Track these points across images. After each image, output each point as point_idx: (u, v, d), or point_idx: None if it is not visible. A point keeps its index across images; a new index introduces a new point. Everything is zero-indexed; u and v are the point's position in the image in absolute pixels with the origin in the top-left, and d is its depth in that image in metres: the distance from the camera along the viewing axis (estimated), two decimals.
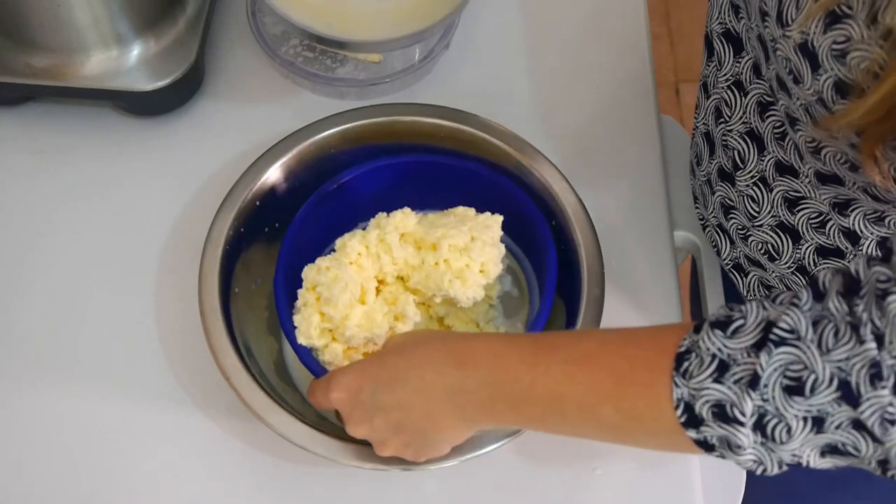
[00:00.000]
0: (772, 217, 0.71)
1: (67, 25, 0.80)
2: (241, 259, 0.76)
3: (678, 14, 1.94)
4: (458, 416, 0.61)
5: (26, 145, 0.86)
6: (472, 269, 0.70)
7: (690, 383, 0.52)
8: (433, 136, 0.79)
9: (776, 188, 0.70)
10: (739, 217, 0.75)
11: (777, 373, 0.51)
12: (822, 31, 0.54)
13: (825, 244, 0.69)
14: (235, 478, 0.74)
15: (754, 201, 0.72)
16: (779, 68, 0.61)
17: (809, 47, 0.56)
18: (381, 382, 0.63)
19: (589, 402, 0.57)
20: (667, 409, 0.53)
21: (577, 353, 0.58)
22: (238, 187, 0.76)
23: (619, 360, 0.56)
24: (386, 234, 0.71)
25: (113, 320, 0.79)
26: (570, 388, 0.57)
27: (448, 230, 0.70)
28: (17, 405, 0.76)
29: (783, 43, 0.58)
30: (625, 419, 0.56)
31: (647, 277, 0.81)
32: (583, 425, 0.59)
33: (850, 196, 0.65)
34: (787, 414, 0.50)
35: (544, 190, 0.76)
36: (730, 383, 0.51)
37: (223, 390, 0.70)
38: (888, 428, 0.49)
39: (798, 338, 0.50)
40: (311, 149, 0.78)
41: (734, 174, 0.73)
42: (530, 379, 0.58)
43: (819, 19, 0.54)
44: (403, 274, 0.72)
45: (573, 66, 0.92)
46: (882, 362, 0.48)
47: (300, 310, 0.72)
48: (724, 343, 0.52)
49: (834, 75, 0.55)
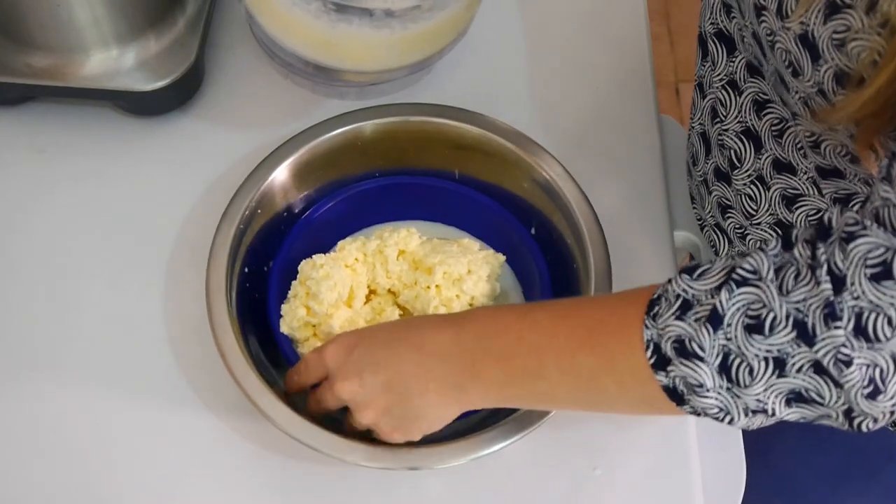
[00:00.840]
0: (770, 215, 0.72)
1: (67, 25, 0.80)
2: (246, 262, 0.76)
3: (678, 14, 1.94)
4: (447, 381, 0.62)
5: (26, 145, 0.86)
6: (462, 301, 0.72)
7: (657, 323, 0.55)
8: (442, 139, 0.79)
9: (774, 186, 0.70)
10: (737, 216, 0.75)
11: (739, 312, 0.52)
12: (822, 22, 0.55)
13: None
14: (241, 476, 0.74)
15: (752, 200, 0.72)
16: (777, 62, 0.60)
17: (810, 38, 0.56)
18: (378, 340, 0.65)
19: (568, 349, 0.59)
20: (638, 352, 0.55)
21: (561, 308, 0.62)
22: (244, 189, 0.76)
23: (597, 310, 0.60)
24: (385, 247, 0.73)
25: (116, 320, 0.79)
26: (552, 338, 0.60)
27: (447, 258, 0.72)
28: (20, 406, 0.76)
29: (783, 35, 0.58)
30: (601, 365, 0.58)
31: (647, 277, 0.80)
32: (561, 378, 0.60)
33: (852, 190, 0.65)
34: (748, 353, 0.52)
35: (551, 189, 0.76)
36: (690, 320, 0.53)
37: (231, 390, 0.70)
38: (843, 369, 0.50)
39: (759, 278, 0.52)
40: (318, 149, 0.78)
41: (731, 174, 0.73)
42: (517, 332, 0.61)
43: (819, 10, 0.55)
44: (395, 289, 0.73)
45: (573, 66, 0.92)
46: (838, 303, 0.50)
47: (289, 300, 0.74)
48: (689, 284, 0.54)
49: (834, 65, 0.55)
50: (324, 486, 0.73)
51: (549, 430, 0.68)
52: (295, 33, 0.75)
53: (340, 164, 0.79)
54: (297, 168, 0.78)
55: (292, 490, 0.73)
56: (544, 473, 0.73)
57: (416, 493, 0.73)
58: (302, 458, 0.72)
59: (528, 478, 0.73)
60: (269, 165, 0.77)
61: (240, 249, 0.74)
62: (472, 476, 0.73)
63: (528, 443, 0.70)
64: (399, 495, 0.73)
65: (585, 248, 0.73)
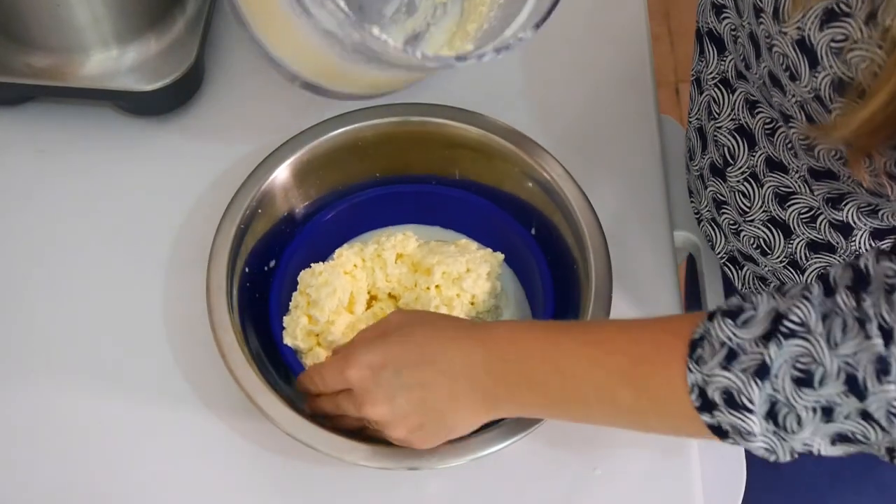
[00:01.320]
0: (763, 212, 0.71)
1: (67, 25, 0.80)
2: (247, 262, 0.76)
3: (678, 14, 1.94)
4: (479, 398, 0.62)
5: (26, 145, 0.86)
6: (462, 300, 0.73)
7: (703, 370, 0.54)
8: (442, 139, 0.79)
9: (767, 184, 0.70)
10: (731, 212, 0.75)
11: (787, 364, 0.52)
12: (819, 28, 0.54)
13: (816, 239, 0.69)
14: (241, 476, 0.74)
15: (745, 197, 0.72)
16: (773, 65, 0.60)
17: (807, 43, 0.55)
18: (406, 362, 0.63)
19: (608, 384, 0.59)
20: (682, 393, 0.55)
21: (598, 337, 0.61)
22: (244, 189, 0.76)
23: (637, 345, 0.58)
24: (383, 251, 0.74)
25: (116, 320, 0.79)
26: (591, 370, 0.59)
27: (445, 258, 0.73)
28: (20, 406, 0.76)
29: (780, 39, 0.57)
30: (642, 402, 0.58)
31: (647, 277, 0.81)
32: (600, 407, 0.60)
33: (845, 190, 0.65)
34: (797, 404, 0.52)
35: (552, 190, 0.76)
36: (737, 371, 0.53)
37: (231, 390, 0.69)
38: (893, 420, 0.50)
39: (808, 330, 0.51)
40: (319, 149, 0.78)
41: (725, 170, 0.73)
42: (553, 360, 0.60)
43: (815, 16, 0.54)
44: (396, 292, 0.74)
45: (573, 66, 0.92)
46: (888, 357, 0.49)
47: (291, 311, 0.75)
48: (733, 332, 0.53)
49: (833, 73, 0.55)
50: (324, 486, 0.73)
51: (549, 430, 0.68)
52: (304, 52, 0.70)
53: (341, 163, 0.79)
54: (297, 168, 0.78)
55: (292, 490, 0.73)
56: (544, 473, 0.73)
57: (416, 493, 0.73)
58: (302, 458, 0.72)
59: (528, 478, 0.73)
60: (269, 165, 0.77)
61: (240, 249, 0.74)
62: (472, 476, 0.73)
63: (528, 443, 0.70)
64: (399, 495, 0.73)
65: (585, 248, 0.73)
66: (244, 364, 0.69)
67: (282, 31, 0.64)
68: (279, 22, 0.63)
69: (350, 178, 0.80)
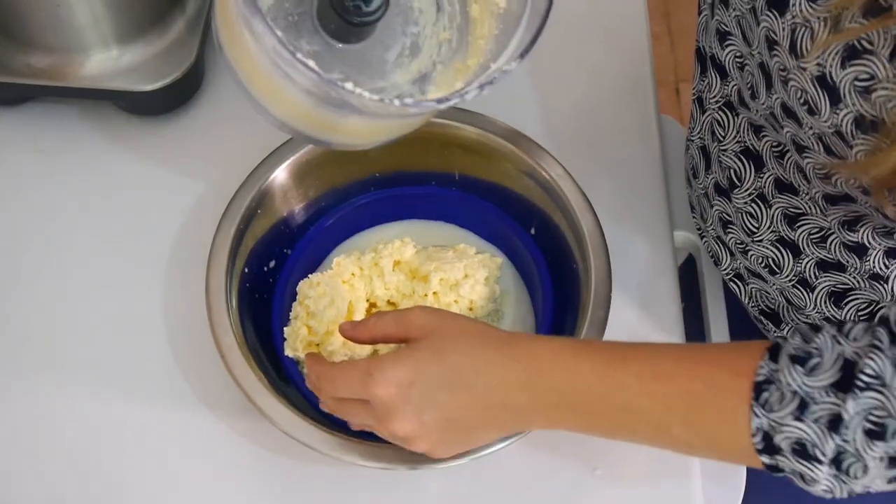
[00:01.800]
0: (771, 232, 0.71)
1: (67, 25, 0.80)
2: (247, 262, 0.76)
3: (678, 14, 1.94)
4: (512, 417, 0.60)
5: (26, 145, 0.86)
6: (460, 306, 0.73)
7: (771, 416, 0.53)
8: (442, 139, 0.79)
9: (775, 205, 0.69)
10: (738, 232, 0.74)
11: (860, 416, 0.51)
12: (840, 65, 0.53)
13: (826, 258, 0.68)
14: (241, 476, 0.74)
15: (753, 217, 0.71)
16: (788, 98, 0.59)
17: (829, 80, 0.54)
18: (439, 383, 0.59)
19: (663, 421, 0.57)
20: (743, 434, 0.54)
21: (652, 370, 0.58)
22: (244, 189, 0.76)
23: (695, 382, 0.56)
24: (380, 259, 0.74)
25: (116, 320, 0.79)
26: (644, 404, 0.57)
27: (442, 264, 0.73)
28: (20, 405, 0.76)
29: (798, 74, 0.56)
30: (698, 438, 0.57)
31: (647, 277, 0.81)
32: (652, 439, 0.59)
33: (861, 213, 0.64)
34: (866, 455, 0.52)
35: (552, 190, 0.76)
36: (810, 422, 0.52)
37: (231, 390, 0.70)
38: None
39: (882, 384, 0.51)
40: (318, 150, 0.78)
41: (731, 191, 0.72)
42: (601, 392, 0.58)
43: (836, 52, 0.53)
44: (394, 300, 0.74)
45: (573, 66, 0.92)
46: None
47: (291, 322, 0.75)
48: (803, 380, 0.53)
49: (856, 111, 0.53)
50: (324, 486, 0.73)
51: (549, 430, 0.68)
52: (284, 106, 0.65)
53: (340, 163, 0.79)
54: (296, 168, 0.78)
55: (292, 490, 0.73)
56: (544, 473, 0.73)
57: (416, 493, 0.73)
58: (302, 458, 0.72)
59: (528, 478, 0.73)
60: (269, 165, 0.77)
61: (240, 249, 0.74)
62: (472, 476, 0.73)
63: (528, 443, 0.70)
64: (399, 495, 0.73)
65: (585, 248, 0.73)
66: (244, 364, 0.69)
67: (274, 93, 0.62)
68: (268, 82, 0.62)
69: (349, 178, 0.80)
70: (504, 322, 0.79)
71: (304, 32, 0.63)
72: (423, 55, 0.65)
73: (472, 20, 0.64)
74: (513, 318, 0.79)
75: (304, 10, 0.63)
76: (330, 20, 0.61)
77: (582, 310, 0.71)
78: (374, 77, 0.64)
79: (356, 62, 0.63)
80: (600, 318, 0.70)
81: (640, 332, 0.78)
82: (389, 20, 0.64)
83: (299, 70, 0.55)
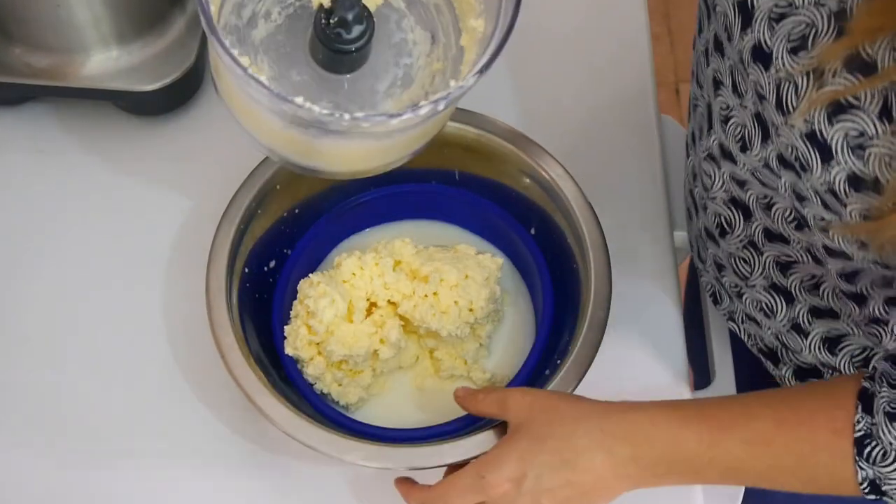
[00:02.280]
0: (764, 278, 0.70)
1: (67, 25, 0.80)
2: (247, 262, 0.76)
3: (678, 14, 1.94)
4: (624, 484, 0.63)
5: (26, 145, 0.86)
6: (460, 306, 0.72)
7: (876, 468, 0.57)
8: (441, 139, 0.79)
9: (766, 252, 0.68)
10: (731, 276, 0.73)
11: None
12: (828, 121, 0.51)
13: (818, 305, 0.68)
14: (241, 476, 0.74)
15: (746, 262, 0.70)
16: (781, 151, 0.57)
17: (819, 138, 0.53)
18: (546, 467, 0.62)
19: (769, 475, 0.61)
20: (850, 483, 0.58)
21: (753, 434, 0.61)
22: (244, 189, 0.76)
23: (797, 443, 0.60)
24: (381, 258, 0.74)
25: (116, 320, 0.79)
26: (750, 464, 0.61)
27: (442, 265, 0.73)
28: (19, 405, 0.76)
29: (786, 130, 0.55)
30: (804, 487, 0.61)
31: (647, 277, 0.81)
32: (755, 483, 0.63)
33: (859, 267, 0.62)
34: None
35: (552, 190, 0.76)
36: None
37: (231, 390, 0.69)
38: None
39: None
40: None
41: (722, 238, 0.71)
42: (709, 458, 0.61)
43: (821, 109, 0.52)
44: (395, 300, 0.74)
45: (573, 66, 0.92)
46: None
47: (291, 321, 0.74)
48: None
49: (848, 169, 0.52)
50: (324, 486, 0.73)
51: None
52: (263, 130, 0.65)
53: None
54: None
55: (292, 490, 0.73)
56: None
57: None
58: (302, 458, 0.72)
59: None
60: (269, 165, 0.77)
61: (240, 249, 0.74)
62: None
63: None
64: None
65: (585, 248, 0.73)
66: (244, 364, 0.69)
67: (250, 116, 0.64)
68: (244, 106, 0.63)
69: (349, 178, 0.80)
70: (504, 322, 0.79)
71: (295, 63, 0.64)
72: (415, 86, 0.65)
73: (463, 49, 0.65)
74: (513, 318, 0.79)
75: (297, 42, 0.64)
76: (318, 50, 0.62)
77: (582, 310, 0.71)
78: (363, 107, 0.64)
79: (347, 92, 0.64)
80: (600, 318, 0.71)
81: (640, 332, 0.78)
82: (381, 51, 0.64)
83: (253, 86, 0.56)
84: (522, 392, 0.66)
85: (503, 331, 0.79)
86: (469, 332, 0.74)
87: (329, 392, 0.74)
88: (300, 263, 0.78)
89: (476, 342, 0.76)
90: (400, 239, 0.75)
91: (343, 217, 0.80)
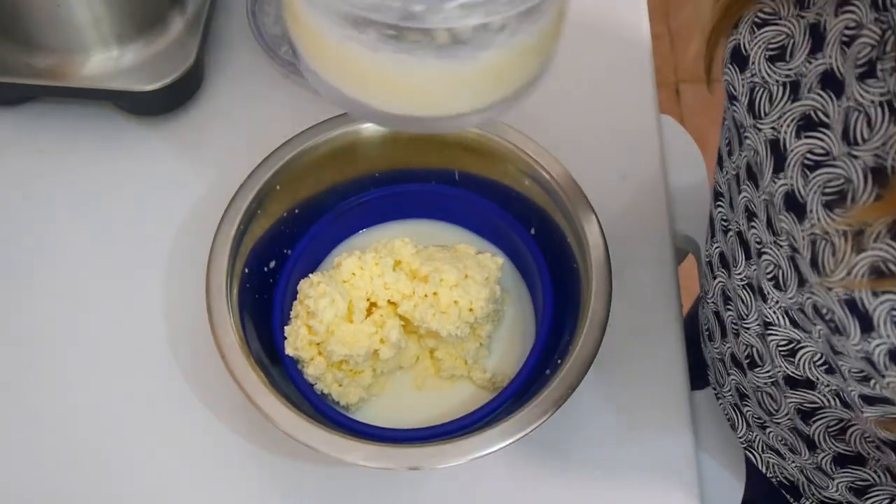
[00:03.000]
0: (788, 419, 0.65)
1: (67, 25, 0.80)
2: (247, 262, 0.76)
3: (678, 14, 1.94)
4: None
5: (26, 145, 0.86)
6: (460, 306, 0.72)
7: None
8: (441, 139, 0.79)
9: (790, 398, 0.63)
10: (755, 408, 0.68)
11: None
12: (872, 294, 0.46)
13: (845, 452, 0.63)
14: (241, 476, 0.74)
15: (773, 399, 0.65)
16: (816, 303, 0.52)
17: (860, 307, 0.47)
18: None
19: None
20: None
21: None
22: (244, 189, 0.76)
23: None
24: (381, 258, 0.74)
25: (116, 320, 0.79)
26: None
27: (442, 265, 0.72)
28: (19, 405, 0.76)
29: (821, 293, 0.50)
30: None
31: (647, 277, 0.81)
32: None
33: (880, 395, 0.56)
34: None
35: (552, 190, 0.76)
36: None
37: (231, 390, 0.69)
38: None
39: None
40: (318, 149, 0.78)
41: (749, 369, 0.66)
42: None
43: (863, 273, 0.46)
44: (395, 300, 0.74)
45: (573, 66, 0.92)
46: None
47: (291, 321, 0.75)
48: None
49: (891, 344, 0.47)
50: (324, 486, 0.73)
51: (548, 430, 0.68)
52: (350, 73, 0.60)
53: (340, 163, 0.79)
54: (296, 168, 0.78)
55: (292, 490, 0.73)
56: (544, 473, 0.73)
57: (416, 493, 0.73)
58: (302, 458, 0.72)
59: (529, 477, 0.73)
60: (269, 165, 0.77)
61: (240, 249, 0.74)
62: (472, 476, 0.73)
63: (529, 443, 0.69)
64: (399, 495, 0.73)
65: (585, 247, 0.73)
66: (244, 364, 0.69)
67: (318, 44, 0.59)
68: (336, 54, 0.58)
69: (349, 178, 0.80)
70: (504, 322, 0.79)
71: None
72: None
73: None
74: (513, 318, 0.79)
75: None
76: None
77: (582, 310, 0.71)
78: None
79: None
80: (600, 318, 0.70)
81: (640, 333, 0.78)
82: None
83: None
84: None
85: (503, 331, 0.79)
86: (469, 332, 0.74)
87: (329, 392, 0.74)
88: (300, 263, 0.78)
89: (476, 342, 0.76)
90: (400, 239, 0.75)
91: (343, 217, 0.80)
